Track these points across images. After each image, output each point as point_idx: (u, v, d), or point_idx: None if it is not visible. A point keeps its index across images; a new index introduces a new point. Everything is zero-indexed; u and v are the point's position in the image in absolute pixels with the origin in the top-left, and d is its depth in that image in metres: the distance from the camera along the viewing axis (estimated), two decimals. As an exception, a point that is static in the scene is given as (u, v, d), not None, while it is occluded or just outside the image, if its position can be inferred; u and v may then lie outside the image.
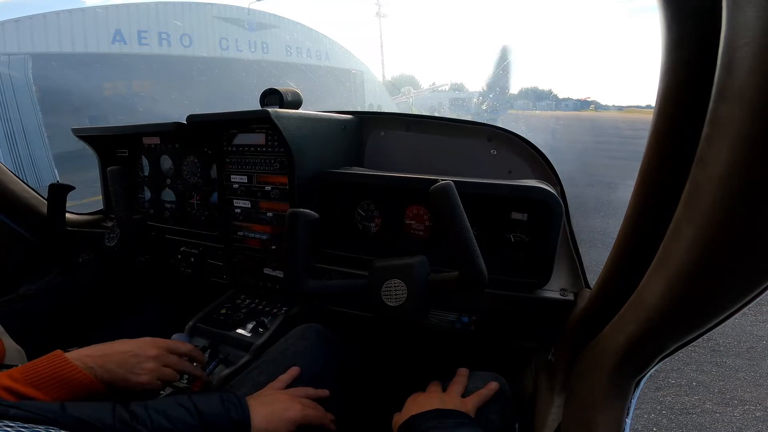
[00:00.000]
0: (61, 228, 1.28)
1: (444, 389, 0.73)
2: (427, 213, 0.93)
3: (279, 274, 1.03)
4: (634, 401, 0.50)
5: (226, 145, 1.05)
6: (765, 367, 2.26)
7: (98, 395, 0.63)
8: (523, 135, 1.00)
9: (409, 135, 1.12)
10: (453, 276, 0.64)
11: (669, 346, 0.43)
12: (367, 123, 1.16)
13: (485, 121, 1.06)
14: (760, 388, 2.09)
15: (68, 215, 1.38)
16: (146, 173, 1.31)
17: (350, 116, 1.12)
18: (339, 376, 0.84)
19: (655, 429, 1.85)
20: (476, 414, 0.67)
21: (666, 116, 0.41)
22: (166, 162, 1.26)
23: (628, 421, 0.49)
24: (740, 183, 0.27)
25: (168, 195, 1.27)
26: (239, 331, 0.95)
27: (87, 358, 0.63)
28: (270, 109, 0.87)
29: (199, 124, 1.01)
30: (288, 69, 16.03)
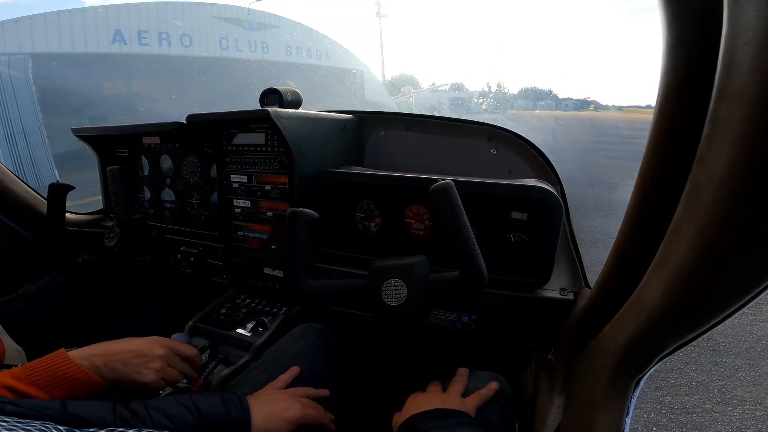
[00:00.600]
0: (61, 228, 1.28)
1: (444, 389, 0.73)
2: (427, 213, 0.93)
3: (279, 274, 1.03)
4: (634, 401, 0.50)
5: (226, 145, 1.05)
6: (765, 367, 2.26)
7: (100, 394, 0.62)
8: (523, 135, 1.00)
9: (409, 135, 1.12)
10: (453, 276, 0.64)
11: (669, 346, 0.43)
12: (367, 123, 1.16)
13: (485, 121, 1.06)
14: (760, 388, 2.09)
15: (68, 215, 1.38)
16: (146, 173, 1.31)
17: (350, 116, 1.12)
18: (339, 376, 0.84)
19: (655, 429, 1.85)
20: (476, 414, 0.67)
21: (666, 116, 0.41)
22: (166, 162, 1.26)
23: (628, 421, 0.49)
24: (740, 183, 0.27)
25: (168, 195, 1.27)
26: (239, 331, 0.95)
27: (92, 357, 0.63)
28: (270, 109, 0.87)
29: (199, 124, 1.01)
30: (288, 69, 16.02)
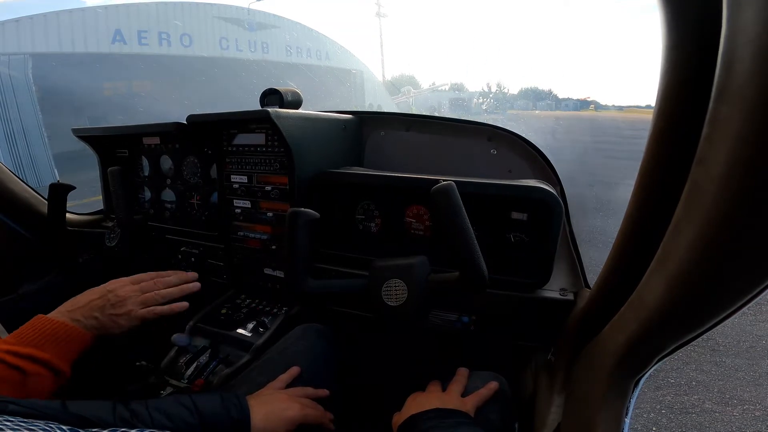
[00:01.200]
0: (62, 228, 1.28)
1: (444, 389, 0.73)
2: (427, 213, 0.93)
3: (279, 274, 1.03)
4: (634, 401, 0.50)
5: (226, 145, 1.05)
6: (764, 367, 2.26)
7: (91, 348, 0.65)
8: (523, 135, 1.00)
9: (409, 135, 1.12)
10: (454, 276, 0.64)
11: (668, 346, 0.43)
12: (367, 123, 1.16)
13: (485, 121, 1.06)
14: (760, 388, 2.10)
15: (68, 215, 1.38)
16: (146, 173, 1.31)
17: (350, 116, 1.12)
18: (339, 376, 0.84)
19: (655, 428, 1.85)
20: (476, 414, 0.67)
21: (666, 116, 0.41)
22: (166, 162, 1.26)
23: (628, 421, 0.49)
24: (740, 183, 0.27)
25: (168, 195, 1.27)
26: (239, 331, 0.95)
27: (70, 313, 0.66)
28: (270, 109, 0.87)
29: (199, 124, 1.01)
30: (288, 69, 16.02)
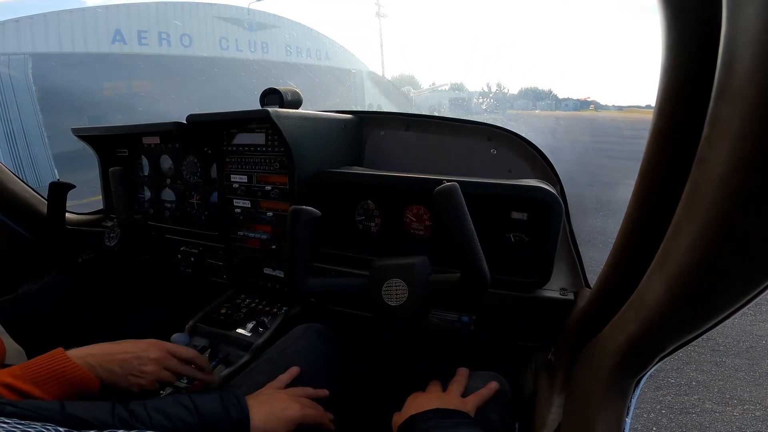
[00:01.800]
0: (62, 227, 1.28)
1: (444, 389, 0.73)
2: (427, 212, 0.93)
3: (279, 274, 1.03)
4: (634, 401, 0.50)
5: (226, 145, 1.05)
6: (764, 367, 2.26)
7: (95, 394, 0.63)
8: (523, 135, 1.00)
9: (409, 135, 1.12)
10: (455, 277, 0.64)
11: (669, 346, 0.43)
12: (367, 123, 1.16)
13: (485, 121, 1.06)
14: (760, 388, 2.10)
15: (68, 215, 1.38)
16: (146, 173, 1.31)
17: (350, 116, 1.12)
18: (339, 376, 0.84)
19: (655, 428, 1.85)
20: (476, 414, 0.67)
21: (666, 116, 0.41)
22: (166, 162, 1.26)
23: (628, 421, 0.49)
24: (740, 183, 0.26)
25: (168, 195, 1.27)
26: (239, 331, 0.95)
27: (89, 357, 0.64)
28: (270, 109, 0.87)
29: (199, 124, 1.01)
30: (288, 69, 16.02)
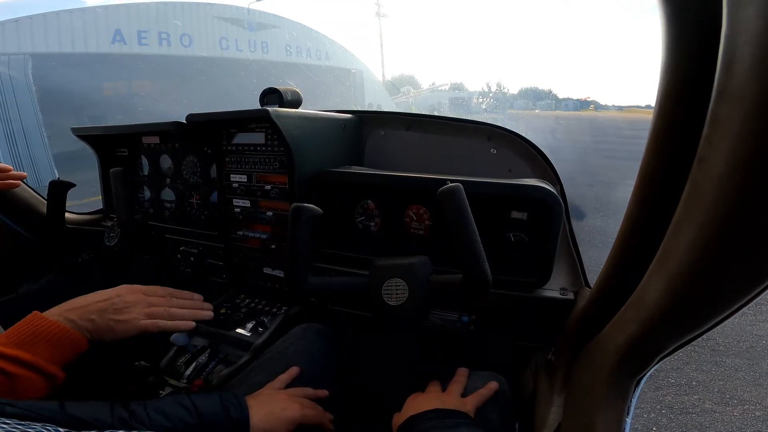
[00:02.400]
0: (61, 226, 1.28)
1: (444, 389, 0.73)
2: (428, 212, 0.93)
3: (279, 274, 1.03)
4: (635, 401, 0.50)
5: (226, 145, 1.05)
6: (764, 367, 2.26)
7: (85, 352, 0.63)
8: (523, 134, 1.00)
9: (409, 134, 1.12)
10: (457, 278, 0.64)
11: (669, 346, 0.43)
12: (367, 122, 1.16)
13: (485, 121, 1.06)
14: (760, 388, 2.10)
15: (68, 215, 1.37)
16: (146, 173, 1.31)
17: (350, 115, 1.12)
18: (339, 376, 0.84)
19: (655, 428, 1.85)
20: (476, 414, 0.67)
21: (666, 116, 0.41)
22: (166, 161, 1.26)
23: (629, 421, 0.49)
24: (740, 183, 0.26)
25: (168, 194, 1.27)
26: (239, 331, 0.95)
27: (66, 313, 0.63)
28: (270, 109, 0.87)
29: (199, 124, 1.01)
30: (288, 69, 16.01)
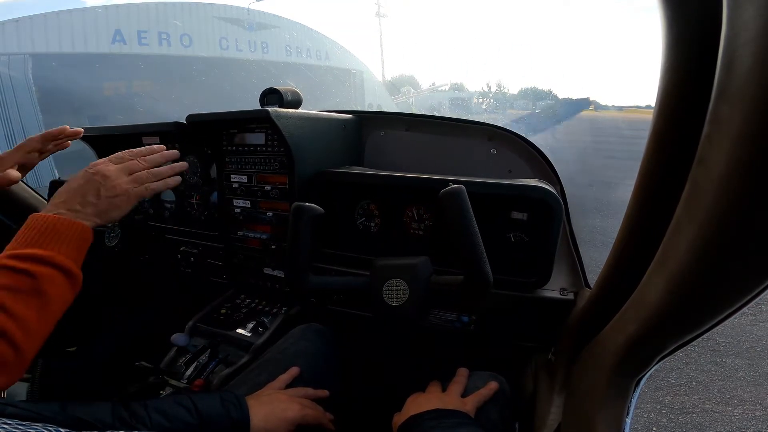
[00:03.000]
0: None
1: (444, 389, 0.73)
2: (428, 213, 0.93)
3: (279, 274, 1.03)
4: (635, 401, 0.50)
5: (226, 145, 1.05)
6: (764, 367, 2.26)
7: (90, 236, 0.59)
8: (523, 134, 1.00)
9: (409, 134, 1.12)
10: (458, 279, 0.64)
11: (669, 346, 0.43)
12: (367, 123, 1.16)
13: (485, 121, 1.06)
14: (760, 388, 2.10)
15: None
16: (146, 173, 1.31)
17: (350, 116, 1.12)
18: (339, 376, 0.84)
19: (655, 428, 1.85)
20: (476, 414, 0.67)
21: (666, 116, 0.41)
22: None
23: (628, 421, 0.49)
24: (740, 183, 0.26)
25: (167, 194, 1.27)
26: (239, 331, 0.95)
27: (62, 204, 0.59)
28: (270, 109, 0.87)
29: (199, 124, 1.01)
30: (288, 69, 16.01)
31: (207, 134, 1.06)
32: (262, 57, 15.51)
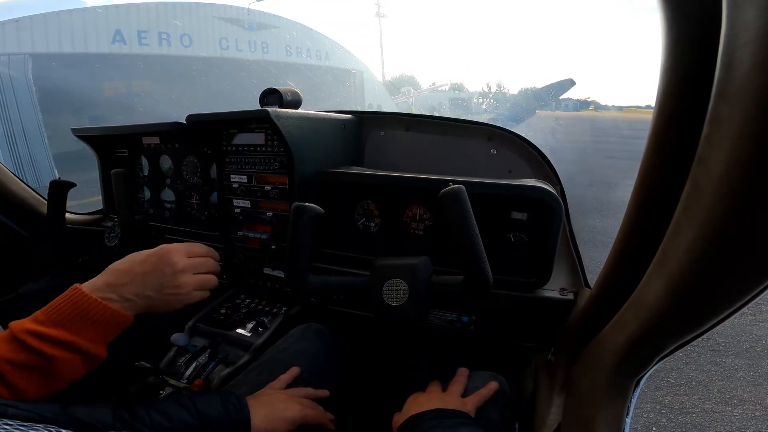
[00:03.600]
0: (62, 226, 1.28)
1: (444, 389, 0.73)
2: (428, 213, 0.93)
3: (279, 274, 1.03)
4: (634, 401, 0.50)
5: (226, 145, 1.05)
6: (764, 367, 2.26)
7: (132, 326, 0.58)
8: (523, 135, 1.00)
9: (409, 135, 1.12)
10: (458, 280, 0.64)
11: (669, 346, 0.43)
12: (367, 123, 1.16)
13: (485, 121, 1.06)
14: (760, 388, 2.10)
15: (68, 215, 1.37)
16: (146, 173, 1.31)
17: (350, 116, 1.12)
18: (339, 376, 0.84)
19: (655, 428, 1.85)
20: (476, 414, 0.67)
21: (666, 116, 0.41)
22: (166, 162, 1.26)
23: (628, 421, 0.49)
24: (740, 183, 0.27)
25: (168, 195, 1.27)
26: (239, 331, 0.95)
27: (116, 288, 0.57)
28: (269, 109, 0.87)
29: (199, 124, 1.01)
30: (288, 69, 16.01)
31: (207, 134, 1.06)
32: (262, 57, 15.51)
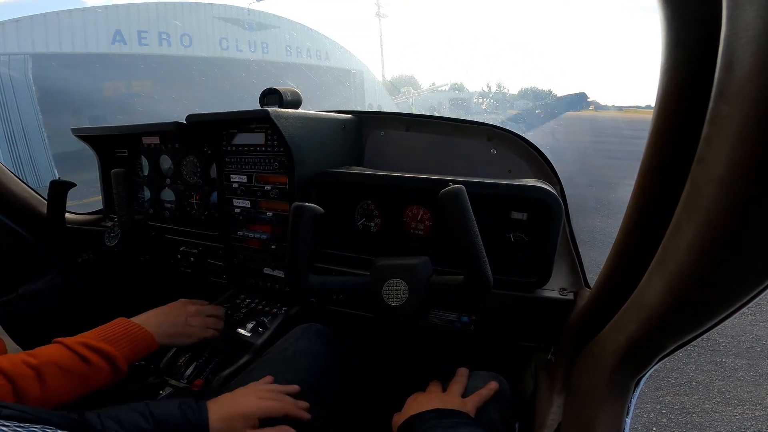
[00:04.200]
0: (62, 226, 1.28)
1: (444, 389, 0.73)
2: (428, 213, 0.93)
3: (279, 274, 1.03)
4: (634, 401, 0.50)
5: (226, 145, 1.05)
6: (764, 367, 2.26)
7: (155, 350, 0.79)
8: (523, 134, 1.00)
9: (409, 135, 1.12)
10: (458, 280, 0.64)
11: (669, 346, 0.43)
12: (367, 123, 1.16)
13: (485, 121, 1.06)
14: (760, 388, 2.10)
15: (68, 215, 1.37)
16: (146, 173, 1.31)
17: (350, 116, 1.12)
18: (339, 376, 0.84)
19: (655, 428, 1.85)
20: (476, 414, 0.67)
21: (666, 116, 0.41)
22: (166, 162, 1.26)
23: (628, 421, 0.49)
24: (740, 183, 0.26)
25: (167, 195, 1.27)
26: (239, 331, 0.95)
27: (148, 321, 0.80)
28: (269, 109, 0.87)
29: (199, 124, 1.01)
30: (288, 69, 16.01)
31: (207, 134, 1.06)
32: (262, 57, 15.50)
